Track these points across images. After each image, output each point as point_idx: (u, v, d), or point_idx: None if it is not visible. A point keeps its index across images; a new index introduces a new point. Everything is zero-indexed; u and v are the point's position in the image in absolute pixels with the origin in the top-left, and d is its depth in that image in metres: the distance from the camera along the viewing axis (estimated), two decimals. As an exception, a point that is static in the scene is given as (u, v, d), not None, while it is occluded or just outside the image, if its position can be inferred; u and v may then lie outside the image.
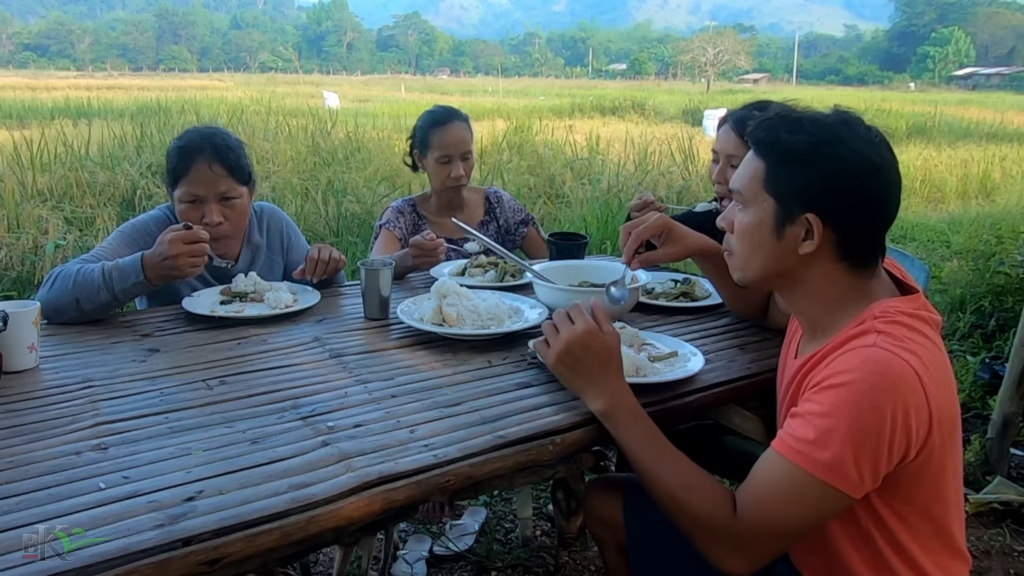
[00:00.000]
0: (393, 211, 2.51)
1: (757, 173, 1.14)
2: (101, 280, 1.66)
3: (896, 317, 1.05)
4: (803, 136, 1.09)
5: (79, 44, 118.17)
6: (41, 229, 5.11)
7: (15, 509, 0.92)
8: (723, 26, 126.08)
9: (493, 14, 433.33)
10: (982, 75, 79.42)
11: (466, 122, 2.50)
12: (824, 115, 1.12)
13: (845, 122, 1.09)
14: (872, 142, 1.08)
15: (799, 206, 1.10)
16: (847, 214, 1.08)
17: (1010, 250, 4.55)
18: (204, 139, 1.91)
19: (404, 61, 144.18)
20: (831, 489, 0.98)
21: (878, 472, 0.99)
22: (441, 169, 2.44)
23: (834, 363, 1.04)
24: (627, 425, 1.16)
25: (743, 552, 1.05)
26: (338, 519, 0.96)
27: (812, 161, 1.08)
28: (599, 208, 6.51)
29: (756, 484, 1.06)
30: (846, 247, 1.10)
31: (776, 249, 1.13)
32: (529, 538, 2.37)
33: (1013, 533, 2.48)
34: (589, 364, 1.21)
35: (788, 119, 1.12)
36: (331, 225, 5.88)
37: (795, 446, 1.01)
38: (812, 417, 1.01)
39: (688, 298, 1.89)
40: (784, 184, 1.11)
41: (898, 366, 0.99)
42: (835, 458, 0.97)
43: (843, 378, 1.00)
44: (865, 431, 0.97)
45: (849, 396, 0.98)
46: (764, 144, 1.14)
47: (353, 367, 1.44)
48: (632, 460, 1.15)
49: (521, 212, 2.63)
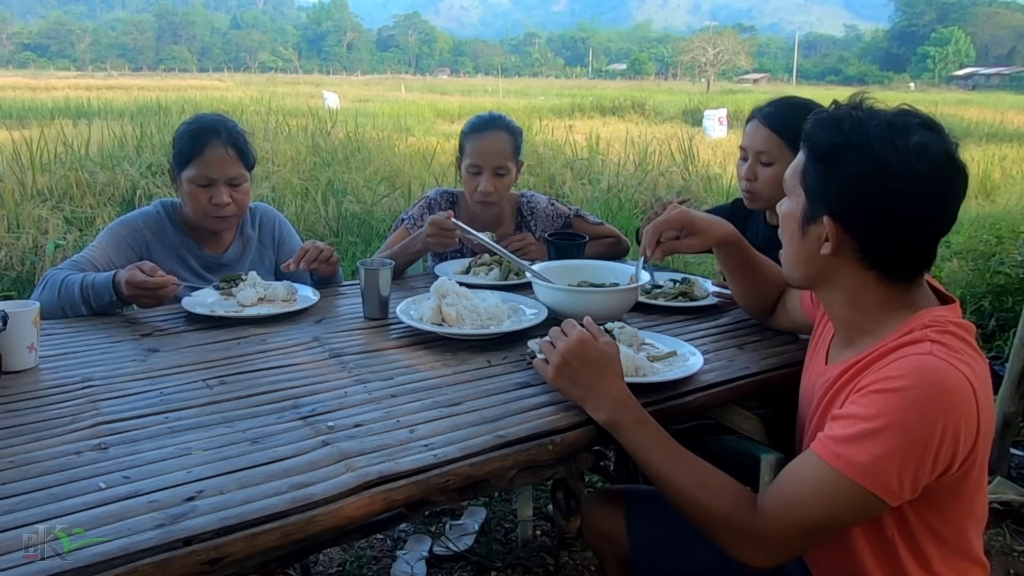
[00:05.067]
0: (421, 208, 2.34)
1: (798, 166, 1.13)
2: (79, 295, 1.72)
3: (948, 327, 1.02)
4: (834, 135, 1.06)
5: (79, 44, 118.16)
6: (41, 229, 5.12)
7: (15, 509, 0.92)
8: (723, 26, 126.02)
9: (493, 14, 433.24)
10: (982, 75, 79.41)
11: (510, 133, 2.24)
12: (878, 113, 1.06)
13: (889, 125, 1.03)
14: (907, 152, 1.01)
15: (821, 206, 1.08)
16: (860, 222, 1.05)
17: (1010, 250, 4.55)
18: (218, 123, 1.97)
19: (404, 61, 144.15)
20: (867, 494, 0.96)
21: (918, 483, 0.97)
22: (470, 180, 2.23)
23: (884, 368, 1.01)
24: (633, 430, 1.14)
25: (764, 549, 1.03)
26: (338, 519, 0.96)
27: (834, 163, 1.05)
28: (599, 208, 6.51)
29: (786, 482, 1.04)
30: (871, 256, 1.07)
31: (802, 246, 1.12)
32: (529, 538, 2.37)
33: (1013, 533, 2.48)
34: (587, 373, 1.20)
35: (834, 116, 1.08)
36: (331, 225, 5.88)
37: (835, 448, 0.98)
38: (856, 420, 0.98)
39: (687, 298, 1.89)
40: (811, 181, 1.09)
41: (955, 378, 0.96)
42: (876, 463, 0.95)
43: (894, 383, 0.97)
44: (912, 440, 0.94)
45: (899, 402, 0.95)
46: (805, 137, 1.12)
47: (353, 367, 1.44)
48: (642, 464, 1.14)
49: (560, 217, 2.38)
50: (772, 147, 1.90)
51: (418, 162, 8.70)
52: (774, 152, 1.89)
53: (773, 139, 1.89)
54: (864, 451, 0.95)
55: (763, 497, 1.05)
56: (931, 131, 1.03)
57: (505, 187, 2.25)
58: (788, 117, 1.92)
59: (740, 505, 1.05)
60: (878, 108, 1.08)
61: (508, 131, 2.24)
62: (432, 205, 2.32)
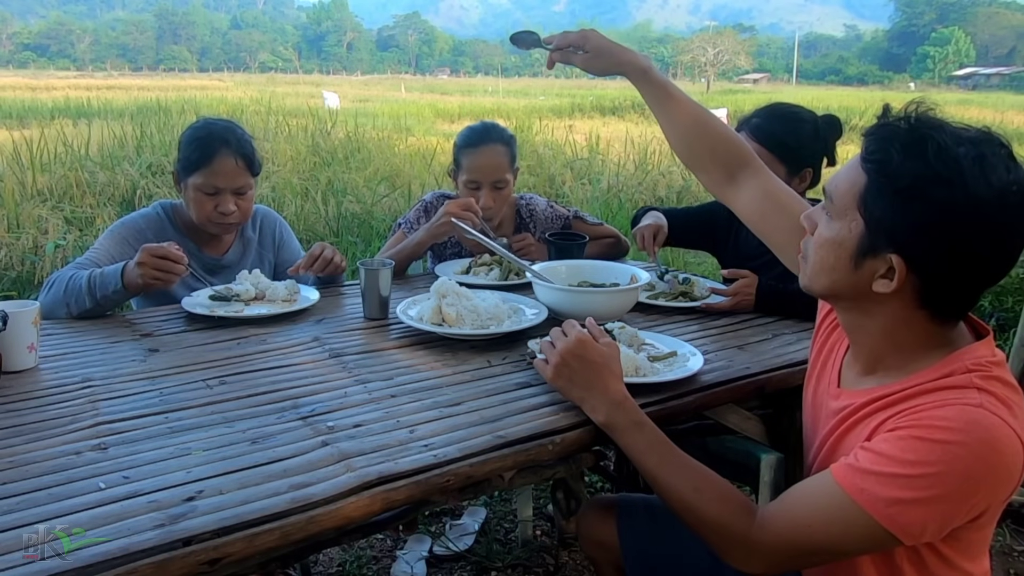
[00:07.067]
0: (417, 211, 2.33)
1: (855, 187, 0.98)
2: (86, 286, 1.71)
3: (992, 372, 0.95)
4: (918, 164, 0.91)
5: (79, 44, 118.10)
6: (41, 229, 5.12)
7: (15, 509, 0.92)
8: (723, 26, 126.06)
9: (493, 14, 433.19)
10: (982, 75, 79.39)
11: (505, 144, 2.24)
12: (961, 138, 0.92)
13: (980, 157, 0.90)
14: (1003, 192, 0.90)
15: (886, 241, 0.95)
16: (939, 267, 0.94)
17: (1010, 250, 4.54)
18: (228, 131, 1.97)
19: (404, 61, 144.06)
20: (884, 532, 0.91)
21: (944, 530, 0.92)
22: (470, 196, 2.20)
23: (926, 413, 0.93)
24: (630, 433, 1.14)
25: (758, 559, 1.01)
26: (338, 519, 0.96)
27: (917, 198, 0.91)
28: (599, 208, 6.51)
29: (795, 500, 1.00)
30: (930, 297, 0.97)
31: (849, 277, 1.00)
32: (529, 538, 2.37)
33: (1013, 533, 2.48)
34: (585, 374, 1.19)
35: (914, 135, 0.93)
36: (331, 225, 5.88)
37: (858, 481, 0.92)
38: (890, 461, 0.91)
39: (687, 298, 1.89)
40: (879, 211, 0.95)
41: (1006, 437, 0.89)
42: (904, 507, 0.90)
43: (942, 435, 0.90)
44: (949, 494, 0.89)
45: (945, 456, 0.89)
46: (872, 157, 0.96)
47: (353, 367, 1.44)
48: (639, 467, 1.13)
49: (559, 219, 2.39)
50: (762, 160, 1.89)
51: (418, 162, 8.70)
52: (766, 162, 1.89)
53: (763, 153, 1.89)
54: (893, 492, 0.90)
55: (767, 508, 1.03)
56: (1015, 163, 0.93)
57: (504, 199, 2.26)
58: (775, 128, 1.92)
59: (738, 512, 1.03)
60: (954, 127, 0.95)
61: (503, 142, 2.24)
62: (428, 209, 2.31)
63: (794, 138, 1.93)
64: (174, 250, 1.71)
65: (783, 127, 1.95)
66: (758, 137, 1.91)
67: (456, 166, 2.29)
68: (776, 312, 1.79)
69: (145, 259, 1.68)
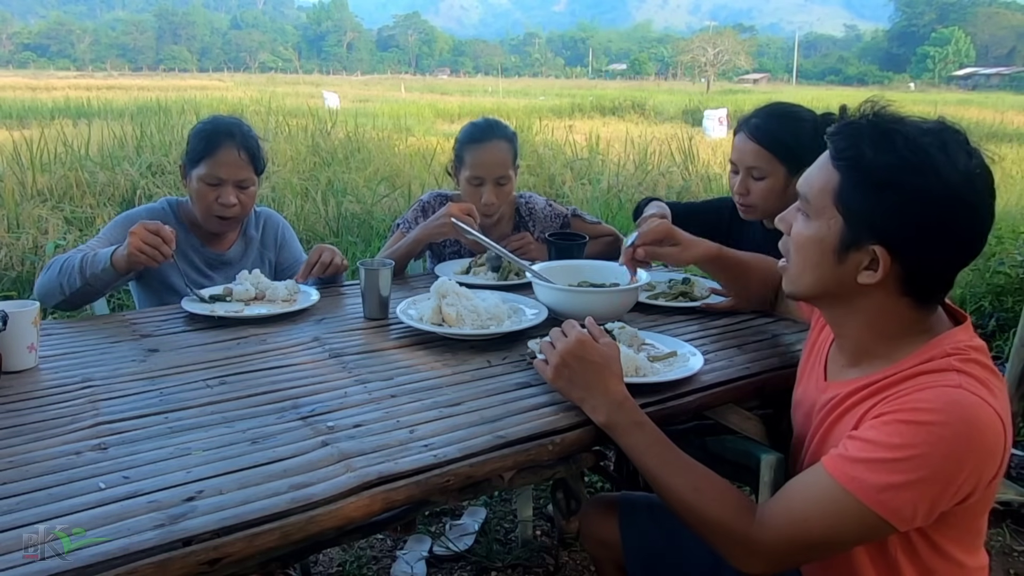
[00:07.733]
0: (415, 212, 2.33)
1: (829, 185, 1.02)
2: (79, 266, 1.75)
3: (971, 355, 0.99)
4: (890, 157, 0.96)
5: (79, 44, 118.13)
6: (41, 229, 5.12)
7: (15, 509, 0.92)
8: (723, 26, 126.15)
9: (493, 14, 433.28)
10: (982, 75, 79.43)
11: (508, 141, 2.24)
12: (922, 129, 0.97)
13: (944, 144, 0.95)
14: (970, 175, 0.95)
15: (868, 233, 0.99)
16: (920, 252, 0.98)
17: (1010, 250, 4.55)
18: (234, 125, 2.02)
19: (404, 61, 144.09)
20: (877, 518, 0.93)
21: (933, 513, 0.95)
22: (472, 192, 2.21)
23: (908, 397, 0.96)
24: (630, 433, 1.14)
25: (760, 557, 1.02)
26: (338, 519, 0.96)
27: (893, 188, 0.96)
28: (599, 208, 6.51)
29: (791, 496, 1.02)
30: (912, 283, 1.01)
31: (833, 272, 1.04)
32: (529, 538, 2.37)
33: (1013, 533, 2.48)
34: (585, 374, 1.19)
35: (879, 130, 0.98)
36: (331, 225, 5.88)
37: (849, 470, 0.95)
38: (876, 447, 0.94)
39: (687, 298, 1.88)
40: (857, 206, 0.99)
41: (986, 416, 0.92)
42: (893, 491, 0.92)
43: (924, 416, 0.93)
44: (936, 474, 0.92)
45: (928, 437, 0.92)
46: (843, 155, 1.00)
47: (353, 367, 1.44)
48: (639, 467, 1.13)
49: (559, 217, 2.39)
50: (762, 162, 1.90)
51: (418, 162, 8.69)
52: (765, 167, 1.90)
53: (763, 154, 1.89)
54: (882, 477, 0.93)
55: (765, 506, 1.04)
56: (973, 147, 0.98)
57: (506, 195, 2.25)
58: (774, 128, 1.92)
59: (738, 512, 1.04)
60: (913, 119, 1.00)
61: (506, 139, 2.24)
62: (426, 208, 2.31)
63: (794, 138, 1.93)
64: (167, 231, 1.73)
65: (782, 127, 1.94)
66: (757, 137, 1.90)
67: (458, 162, 2.27)
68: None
69: (137, 230, 1.71)
